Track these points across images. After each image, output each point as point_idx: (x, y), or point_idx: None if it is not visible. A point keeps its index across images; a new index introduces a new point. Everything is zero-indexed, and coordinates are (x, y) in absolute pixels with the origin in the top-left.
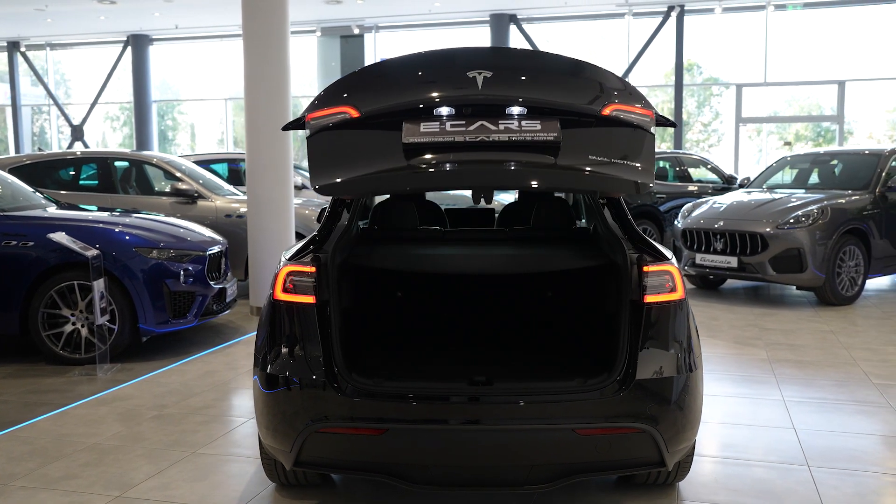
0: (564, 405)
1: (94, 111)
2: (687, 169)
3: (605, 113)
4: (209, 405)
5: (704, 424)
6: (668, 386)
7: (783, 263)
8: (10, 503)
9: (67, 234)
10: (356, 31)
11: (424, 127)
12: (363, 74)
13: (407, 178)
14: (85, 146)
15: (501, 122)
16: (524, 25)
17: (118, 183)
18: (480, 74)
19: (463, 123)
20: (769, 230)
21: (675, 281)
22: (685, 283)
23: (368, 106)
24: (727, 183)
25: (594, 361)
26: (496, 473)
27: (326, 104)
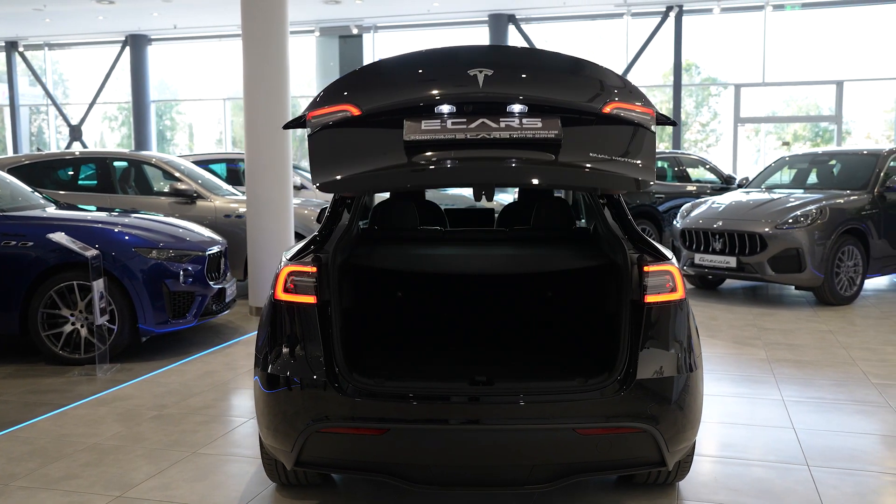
0: (565, 405)
1: (92, 111)
2: (686, 169)
3: (605, 111)
4: (209, 405)
5: (704, 424)
6: (668, 386)
7: (782, 263)
8: (10, 503)
9: (67, 234)
10: (355, 31)
11: (426, 124)
12: (364, 73)
13: (408, 175)
14: (83, 146)
15: (502, 119)
16: (523, 25)
17: (117, 183)
18: (481, 72)
19: (464, 121)
20: (768, 230)
21: (675, 281)
22: (685, 283)
23: (370, 104)
24: (726, 183)
25: (595, 361)
26: (497, 473)
27: (328, 102)
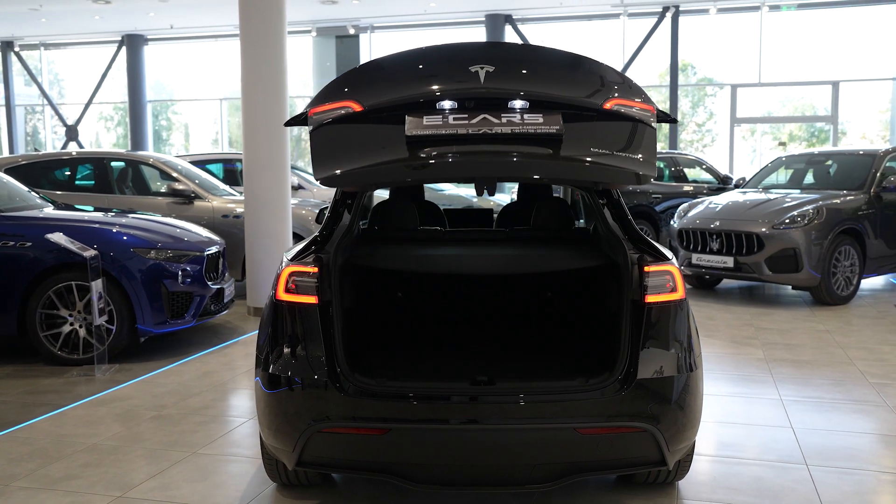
0: (566, 405)
1: (88, 111)
2: (683, 169)
3: (606, 107)
4: (208, 405)
5: (703, 424)
6: (668, 385)
7: (779, 263)
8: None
9: (65, 234)
10: (351, 31)
11: (427, 120)
12: (365, 70)
13: (409, 168)
14: (79, 146)
15: (504, 115)
16: (519, 26)
17: (114, 183)
18: (482, 69)
19: (465, 117)
20: (765, 230)
21: (675, 281)
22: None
23: (371, 100)
24: (722, 183)
25: (595, 361)
26: (498, 473)
27: (329, 99)
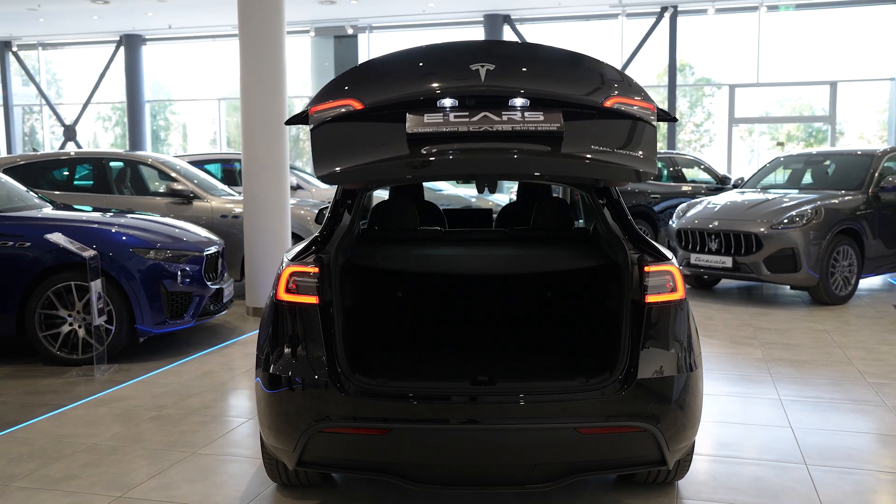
0: (567, 404)
1: (86, 111)
2: (681, 169)
3: (607, 105)
4: (207, 405)
5: (702, 424)
6: (669, 385)
7: (777, 263)
8: None
9: (64, 234)
10: (350, 31)
11: (428, 118)
12: (366, 68)
13: (410, 166)
14: (77, 146)
15: (505, 113)
16: (518, 26)
17: (113, 183)
18: (483, 67)
19: (466, 114)
20: (763, 230)
21: (675, 281)
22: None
23: (372, 98)
24: (721, 183)
25: (595, 361)
26: (499, 472)
27: (330, 97)
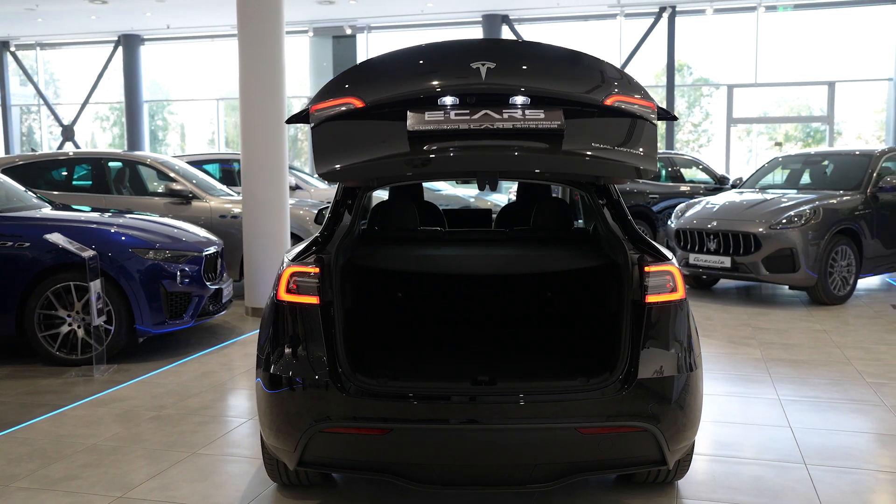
0: (566, 404)
1: (84, 111)
2: (679, 169)
3: (607, 103)
4: (207, 406)
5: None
6: (669, 385)
7: (776, 263)
8: None
9: (63, 234)
10: (348, 31)
11: (429, 116)
12: (366, 67)
13: (411, 163)
14: (75, 146)
15: (505, 111)
16: (516, 26)
17: (112, 183)
18: (484, 65)
19: (467, 112)
20: (762, 230)
21: (675, 281)
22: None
23: (373, 96)
24: (719, 183)
25: (595, 361)
26: (499, 472)
27: (331, 95)
